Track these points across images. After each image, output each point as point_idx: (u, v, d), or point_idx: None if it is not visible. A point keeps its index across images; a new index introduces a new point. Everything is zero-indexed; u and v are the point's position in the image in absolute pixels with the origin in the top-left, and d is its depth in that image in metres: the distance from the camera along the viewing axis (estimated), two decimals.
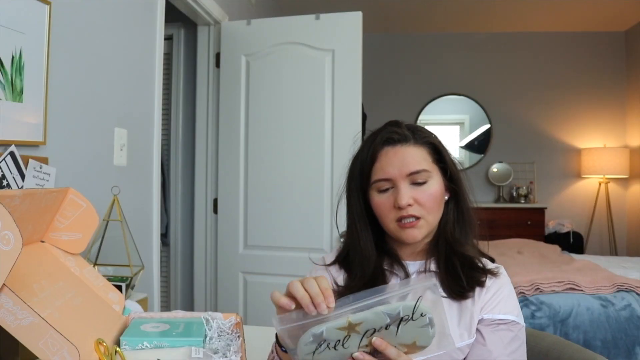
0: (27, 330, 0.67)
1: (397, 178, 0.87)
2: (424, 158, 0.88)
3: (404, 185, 0.86)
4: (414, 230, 0.87)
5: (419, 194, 0.86)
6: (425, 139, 0.90)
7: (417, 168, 0.86)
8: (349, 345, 0.61)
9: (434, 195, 0.87)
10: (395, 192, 0.87)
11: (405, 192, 0.85)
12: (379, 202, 0.88)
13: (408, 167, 0.86)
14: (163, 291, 2.77)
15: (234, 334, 0.88)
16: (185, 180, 2.82)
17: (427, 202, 0.86)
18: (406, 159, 0.87)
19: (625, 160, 4.07)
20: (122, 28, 1.63)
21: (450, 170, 0.90)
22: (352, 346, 0.61)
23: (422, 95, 4.53)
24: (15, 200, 0.74)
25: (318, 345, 0.61)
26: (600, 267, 2.52)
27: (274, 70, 2.44)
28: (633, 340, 2.02)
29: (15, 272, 0.68)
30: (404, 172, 0.86)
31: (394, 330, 0.61)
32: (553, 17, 4.06)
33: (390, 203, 0.87)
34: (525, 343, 0.87)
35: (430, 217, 0.88)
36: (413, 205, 0.86)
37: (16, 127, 1.13)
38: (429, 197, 0.87)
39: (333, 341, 0.60)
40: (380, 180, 0.88)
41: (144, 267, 1.42)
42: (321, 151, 2.36)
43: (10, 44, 1.10)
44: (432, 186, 0.88)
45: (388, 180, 0.87)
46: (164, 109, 2.09)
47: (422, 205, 0.86)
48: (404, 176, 0.86)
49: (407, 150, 0.88)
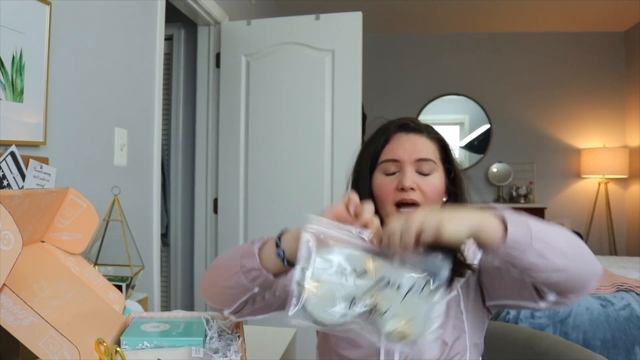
0: (27, 330, 0.67)
1: (405, 161, 0.88)
2: (434, 151, 0.91)
3: (410, 170, 0.88)
4: None
5: (422, 182, 0.88)
6: (437, 135, 0.94)
7: (426, 156, 0.89)
8: (360, 285, 0.58)
9: (436, 188, 0.89)
10: (400, 175, 0.88)
11: (410, 176, 0.87)
12: (383, 182, 0.89)
13: (418, 154, 0.89)
14: (163, 291, 2.77)
15: (234, 334, 0.89)
16: (185, 180, 2.82)
17: (429, 191, 0.88)
18: (418, 146, 0.90)
19: (624, 160, 4.07)
20: (122, 28, 1.63)
21: (454, 172, 0.92)
22: (362, 287, 0.59)
23: (422, 95, 4.53)
24: (15, 200, 0.74)
25: (334, 265, 0.58)
26: None
27: (274, 70, 2.44)
28: (632, 340, 2.02)
29: (15, 272, 0.68)
30: (413, 157, 0.88)
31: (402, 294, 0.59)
32: (553, 17, 4.05)
33: (393, 185, 0.88)
34: None
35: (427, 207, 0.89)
36: (416, 190, 0.87)
37: (16, 127, 1.13)
38: (432, 188, 0.88)
39: (349, 269, 0.58)
40: (389, 160, 0.90)
41: (144, 267, 1.42)
42: (321, 151, 2.36)
43: (10, 44, 1.10)
44: (436, 179, 0.89)
45: (396, 162, 0.89)
46: (164, 109, 2.09)
47: (424, 193, 0.88)
48: (412, 161, 0.88)
49: (420, 139, 0.91)
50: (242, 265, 0.75)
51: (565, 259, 0.69)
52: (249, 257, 0.76)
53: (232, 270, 0.77)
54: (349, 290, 0.57)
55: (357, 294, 0.58)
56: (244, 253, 0.77)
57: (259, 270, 0.74)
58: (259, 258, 0.75)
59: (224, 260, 0.81)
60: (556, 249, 0.69)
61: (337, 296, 0.57)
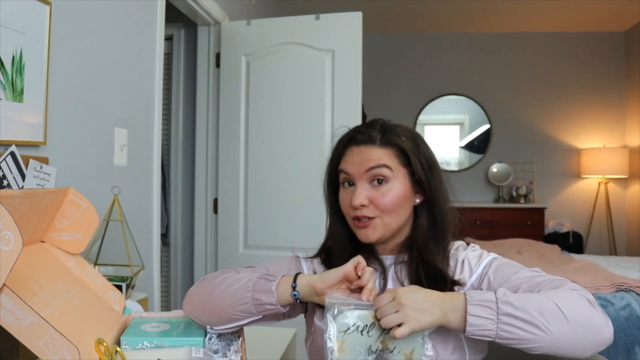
0: (27, 330, 0.67)
1: (356, 176, 0.88)
2: (389, 158, 0.88)
3: (361, 184, 0.88)
4: (367, 230, 0.88)
5: (376, 195, 0.87)
6: (393, 141, 0.89)
7: (376, 163, 0.87)
8: (372, 335, 0.74)
9: (392, 197, 0.87)
10: (352, 191, 0.89)
11: (360, 192, 0.87)
12: (342, 197, 0.92)
13: (367, 163, 0.87)
14: (163, 291, 2.77)
15: (234, 334, 0.89)
16: (185, 180, 2.82)
17: (383, 203, 0.86)
18: (366, 156, 0.88)
19: (624, 161, 4.07)
20: (122, 28, 1.63)
21: (417, 174, 0.88)
22: (374, 336, 0.74)
23: (422, 95, 4.53)
24: (15, 201, 0.74)
25: (351, 326, 0.75)
26: (599, 267, 2.52)
27: (274, 70, 2.44)
28: (632, 340, 2.02)
29: (15, 272, 0.68)
30: (362, 168, 0.87)
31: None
32: (553, 17, 4.06)
33: (349, 200, 0.89)
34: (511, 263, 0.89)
35: (387, 219, 0.88)
36: (368, 206, 0.87)
37: (16, 127, 1.13)
38: (387, 199, 0.86)
39: (362, 325, 0.74)
40: (342, 172, 0.91)
41: (144, 267, 1.42)
42: (321, 151, 2.35)
43: (10, 44, 1.10)
44: (393, 188, 0.87)
45: (350, 175, 0.90)
46: (164, 109, 2.09)
47: (378, 207, 0.87)
48: (362, 174, 0.88)
49: (370, 149, 0.88)
50: (255, 299, 0.82)
51: (547, 331, 0.70)
52: (265, 293, 0.82)
53: (241, 300, 0.82)
54: (365, 340, 0.74)
55: (372, 342, 0.74)
56: (259, 289, 0.82)
57: (275, 305, 0.81)
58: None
59: (229, 288, 0.85)
60: (532, 325, 0.70)
61: (358, 348, 0.74)
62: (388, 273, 0.92)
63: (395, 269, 0.92)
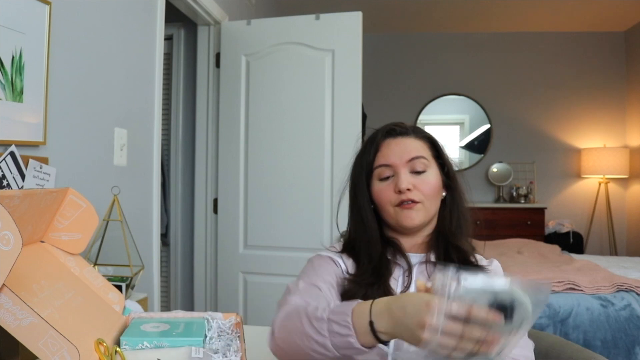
0: (27, 330, 0.67)
1: (397, 165, 0.93)
2: (424, 150, 0.95)
3: (404, 172, 0.93)
4: (412, 212, 0.92)
5: (417, 181, 0.93)
6: (425, 134, 0.98)
7: (417, 154, 0.93)
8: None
9: (431, 184, 0.93)
10: (395, 179, 0.93)
11: (405, 178, 0.92)
12: (380, 188, 0.94)
13: (409, 154, 0.93)
14: (163, 291, 2.77)
15: (234, 334, 0.88)
16: (185, 180, 2.82)
17: (425, 188, 0.92)
18: (407, 147, 0.94)
19: (625, 160, 4.07)
20: (122, 28, 1.63)
21: (447, 167, 0.96)
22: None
23: (422, 95, 4.53)
24: (15, 201, 0.74)
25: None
26: (600, 267, 2.52)
27: (274, 70, 2.44)
28: (633, 340, 2.02)
29: (15, 272, 0.68)
30: (404, 158, 0.93)
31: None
32: (553, 17, 4.05)
33: (390, 189, 0.93)
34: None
35: (427, 203, 0.93)
36: (412, 190, 0.92)
37: (16, 127, 1.13)
38: (428, 185, 0.93)
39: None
40: (382, 165, 0.94)
41: (144, 267, 1.42)
42: (321, 151, 2.36)
43: (10, 44, 1.10)
44: (430, 176, 0.94)
45: (389, 166, 0.93)
46: (164, 109, 2.09)
47: (421, 191, 0.92)
48: (404, 163, 0.93)
49: (408, 141, 0.95)
50: (334, 344, 0.70)
51: None
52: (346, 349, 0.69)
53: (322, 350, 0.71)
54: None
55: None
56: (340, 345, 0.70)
57: (358, 349, 0.69)
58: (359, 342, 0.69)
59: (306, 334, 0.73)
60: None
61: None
62: (413, 272, 0.92)
63: (421, 268, 0.93)
